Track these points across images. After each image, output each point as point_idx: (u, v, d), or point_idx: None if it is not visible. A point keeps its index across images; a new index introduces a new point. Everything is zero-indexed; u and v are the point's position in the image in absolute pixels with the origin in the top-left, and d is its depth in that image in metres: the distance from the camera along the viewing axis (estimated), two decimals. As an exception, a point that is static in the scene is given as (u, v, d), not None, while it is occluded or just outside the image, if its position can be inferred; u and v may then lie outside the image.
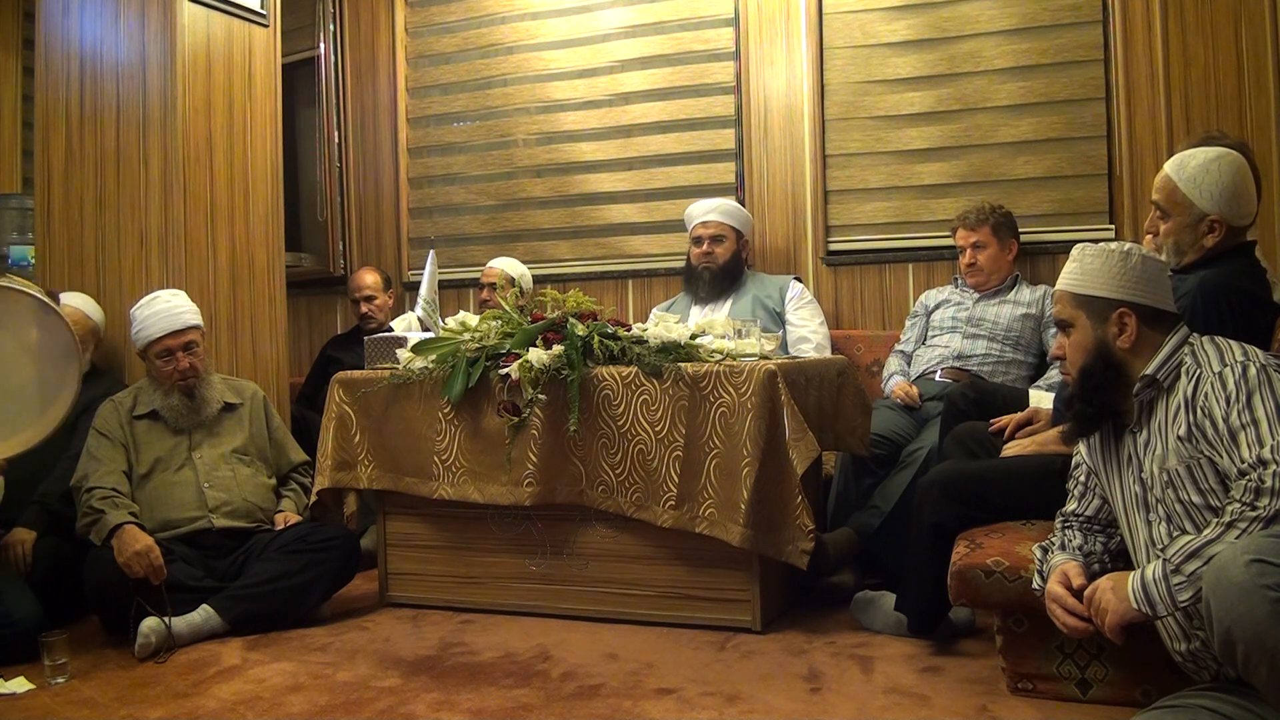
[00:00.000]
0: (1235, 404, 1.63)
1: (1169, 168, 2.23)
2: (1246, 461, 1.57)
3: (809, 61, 4.01)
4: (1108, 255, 1.83)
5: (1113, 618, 1.66)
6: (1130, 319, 1.79)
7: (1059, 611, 1.83)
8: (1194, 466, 1.68)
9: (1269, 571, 1.37)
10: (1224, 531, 1.54)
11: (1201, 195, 2.17)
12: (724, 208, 3.83)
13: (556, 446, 2.77)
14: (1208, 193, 2.16)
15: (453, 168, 4.70)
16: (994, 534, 2.20)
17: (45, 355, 2.55)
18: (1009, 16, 3.77)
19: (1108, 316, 1.81)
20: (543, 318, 2.87)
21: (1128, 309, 1.80)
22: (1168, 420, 1.74)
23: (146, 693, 2.31)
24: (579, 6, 4.41)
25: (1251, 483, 1.54)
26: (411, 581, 3.04)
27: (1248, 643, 1.38)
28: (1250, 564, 1.38)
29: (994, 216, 3.44)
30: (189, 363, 2.93)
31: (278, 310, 3.71)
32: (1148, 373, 1.77)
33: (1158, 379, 1.76)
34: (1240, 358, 1.69)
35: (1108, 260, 1.82)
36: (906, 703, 2.10)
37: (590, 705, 2.15)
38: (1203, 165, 2.17)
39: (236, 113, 3.56)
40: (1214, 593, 1.43)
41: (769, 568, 2.66)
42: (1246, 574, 1.38)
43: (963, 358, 3.37)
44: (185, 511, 2.86)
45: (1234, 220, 2.18)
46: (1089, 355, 1.83)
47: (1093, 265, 1.84)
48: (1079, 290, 1.85)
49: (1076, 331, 1.85)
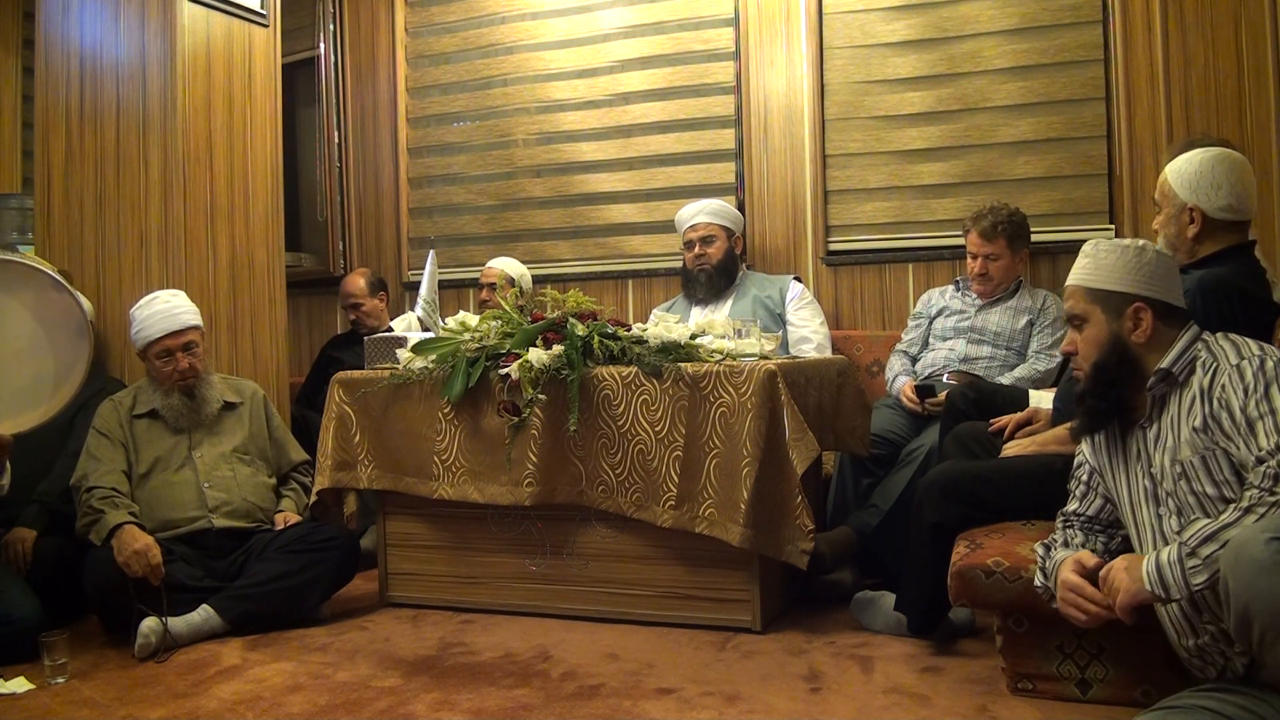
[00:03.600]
0: (1253, 395, 1.64)
1: (1167, 165, 2.29)
2: (1265, 449, 1.59)
3: (809, 61, 4.01)
4: (1123, 250, 1.83)
5: (1124, 597, 1.66)
6: (1146, 314, 1.80)
7: (1077, 600, 1.79)
8: (1209, 458, 1.69)
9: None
10: (1241, 516, 1.54)
11: (1181, 185, 2.22)
12: (710, 208, 3.82)
13: (556, 446, 2.77)
14: (1187, 182, 2.21)
15: (453, 168, 4.70)
16: (994, 534, 2.20)
17: (57, 332, 2.54)
18: (1009, 16, 3.78)
19: (1123, 311, 1.81)
20: (543, 318, 2.87)
21: (1143, 303, 1.80)
22: (1181, 413, 1.75)
23: (146, 693, 2.31)
24: (579, 6, 4.41)
25: (1270, 469, 1.56)
26: (411, 581, 3.04)
27: (1265, 619, 1.40)
28: (1270, 541, 1.40)
29: (1010, 227, 3.37)
30: (188, 363, 2.93)
31: (278, 310, 3.71)
32: (1163, 366, 1.77)
33: (1173, 372, 1.77)
34: (1257, 352, 1.71)
35: (1123, 255, 1.82)
36: (906, 703, 2.10)
37: (590, 705, 2.15)
38: (1189, 158, 2.23)
39: (236, 113, 3.56)
40: (1232, 571, 1.44)
41: (769, 568, 2.66)
42: (1266, 550, 1.40)
43: (967, 361, 3.37)
44: (185, 511, 2.86)
45: (1211, 211, 2.19)
46: (1104, 350, 1.82)
47: (1107, 260, 1.83)
48: (1093, 285, 1.84)
49: (1090, 326, 1.85)
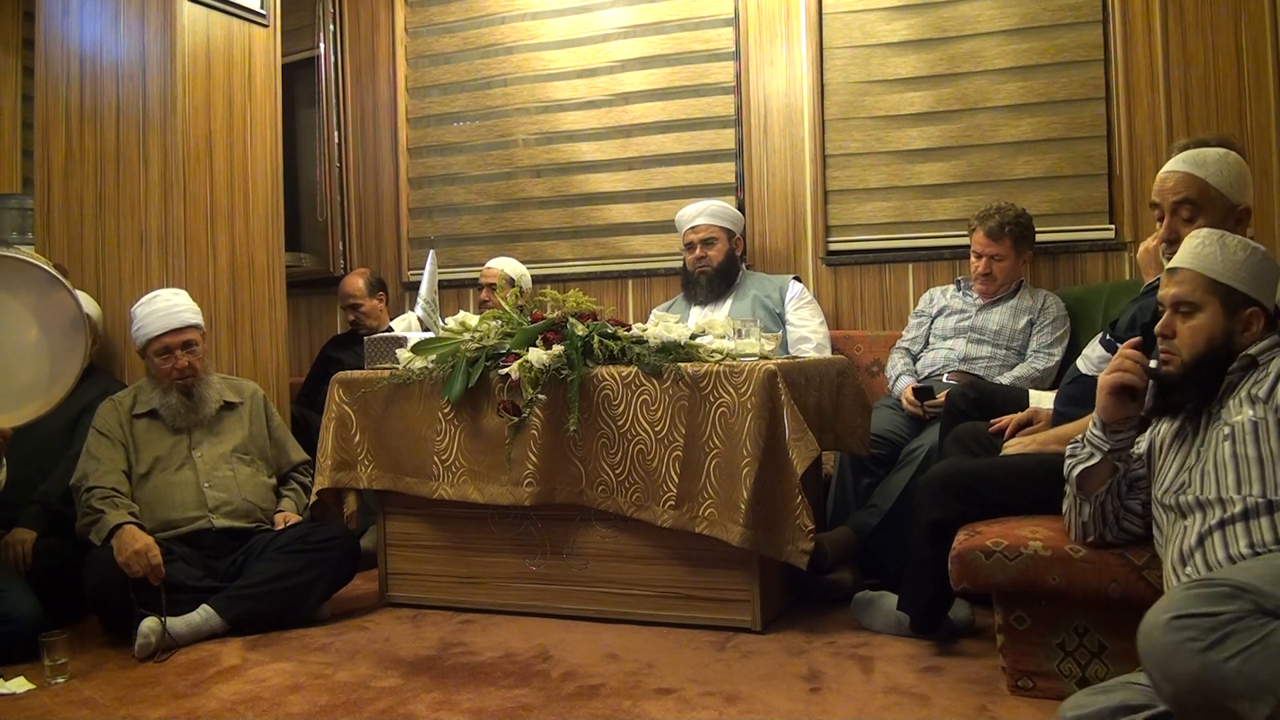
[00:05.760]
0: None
1: (1186, 167, 2.16)
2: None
3: (809, 61, 4.01)
4: (1252, 251, 1.82)
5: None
6: (1259, 320, 1.80)
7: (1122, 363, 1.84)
8: (1261, 425, 1.70)
9: (1189, 625, 1.37)
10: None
11: (1232, 187, 2.13)
12: (711, 209, 3.82)
13: (556, 446, 2.77)
14: (1236, 184, 2.13)
15: (453, 168, 4.70)
16: (993, 524, 2.21)
17: (53, 326, 2.54)
18: (1009, 16, 3.77)
19: (1239, 311, 1.80)
20: (543, 318, 2.87)
21: (1259, 309, 1.80)
22: (1248, 390, 1.76)
23: (146, 693, 2.31)
24: (579, 6, 4.41)
25: None
26: (411, 581, 3.04)
27: (1195, 699, 1.37)
28: (1170, 622, 1.39)
29: (1016, 228, 3.36)
30: (188, 361, 2.93)
31: (278, 310, 3.71)
32: (1250, 352, 1.78)
33: (1259, 360, 1.77)
34: None
35: (1252, 256, 1.81)
36: (906, 703, 2.10)
37: (590, 705, 2.15)
38: (1221, 158, 2.14)
39: (236, 113, 3.56)
40: (1148, 659, 1.43)
41: (769, 568, 2.66)
42: (1168, 634, 1.38)
43: (967, 360, 3.36)
44: (185, 511, 2.86)
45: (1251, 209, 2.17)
46: (1212, 344, 1.80)
47: (1237, 256, 1.81)
48: (1220, 278, 1.81)
49: (1204, 316, 1.81)
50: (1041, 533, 2.09)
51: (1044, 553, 2.04)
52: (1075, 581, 2.01)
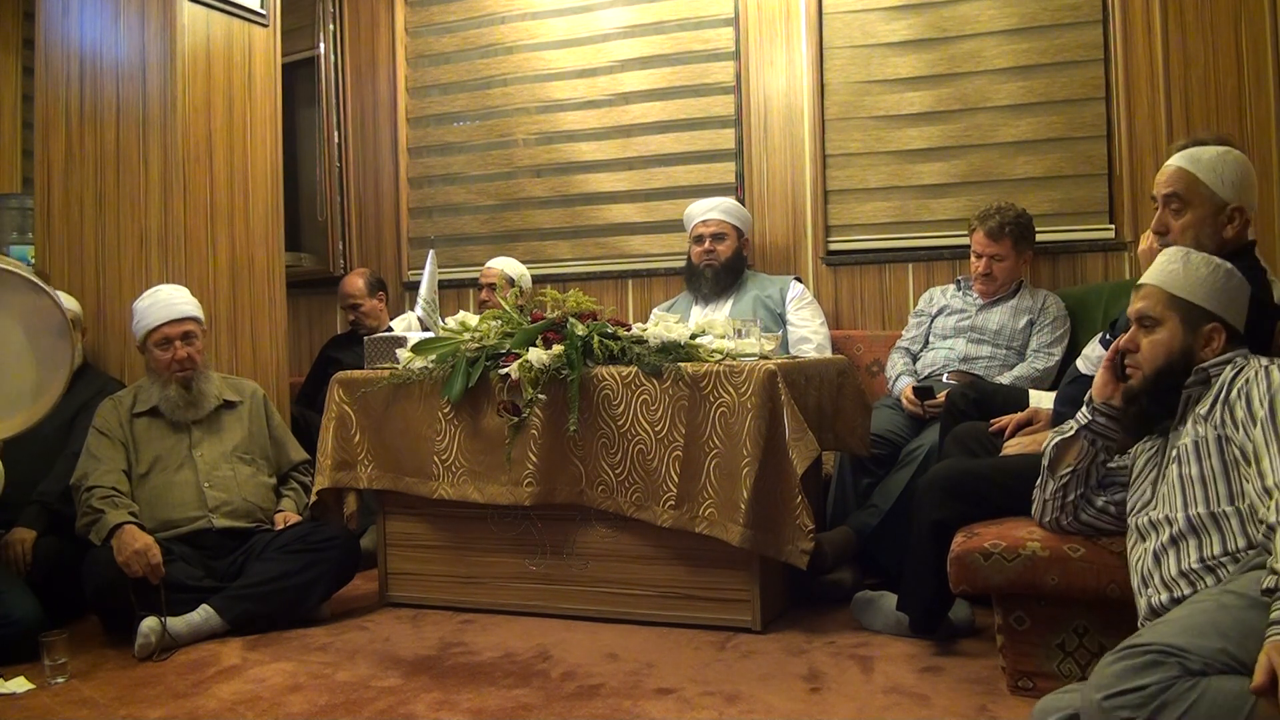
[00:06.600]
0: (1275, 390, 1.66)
1: (1181, 162, 2.17)
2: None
3: (809, 61, 4.01)
4: (1215, 268, 1.85)
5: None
6: (1220, 336, 1.82)
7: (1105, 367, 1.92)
8: (1202, 444, 1.72)
9: (1121, 704, 1.39)
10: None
11: (1223, 184, 2.12)
12: (724, 206, 3.83)
13: (556, 446, 2.77)
14: (1229, 181, 2.13)
15: (453, 168, 4.70)
16: (992, 525, 2.22)
17: (39, 333, 2.52)
18: (1009, 16, 3.77)
19: (1199, 327, 1.83)
20: (543, 318, 2.87)
21: (1220, 325, 1.82)
22: (1196, 409, 1.78)
23: (146, 693, 2.31)
24: (579, 6, 4.41)
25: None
26: (411, 581, 3.04)
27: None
28: (1102, 704, 1.41)
29: (1017, 228, 3.36)
30: (187, 353, 2.93)
31: (278, 310, 3.71)
32: (1203, 366, 1.80)
33: (1210, 373, 1.79)
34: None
35: (1214, 273, 1.84)
36: (906, 703, 2.10)
37: (590, 705, 2.15)
38: (1218, 156, 2.15)
39: (236, 113, 3.56)
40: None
41: (769, 568, 2.66)
42: (1104, 716, 1.40)
43: (967, 360, 3.36)
44: (185, 511, 2.86)
45: (1249, 211, 2.16)
46: (1171, 359, 1.83)
47: (1199, 272, 1.84)
48: (1180, 294, 1.84)
49: (1163, 331, 1.85)
50: (1039, 533, 2.09)
51: (1042, 553, 2.05)
52: (1074, 582, 2.02)
